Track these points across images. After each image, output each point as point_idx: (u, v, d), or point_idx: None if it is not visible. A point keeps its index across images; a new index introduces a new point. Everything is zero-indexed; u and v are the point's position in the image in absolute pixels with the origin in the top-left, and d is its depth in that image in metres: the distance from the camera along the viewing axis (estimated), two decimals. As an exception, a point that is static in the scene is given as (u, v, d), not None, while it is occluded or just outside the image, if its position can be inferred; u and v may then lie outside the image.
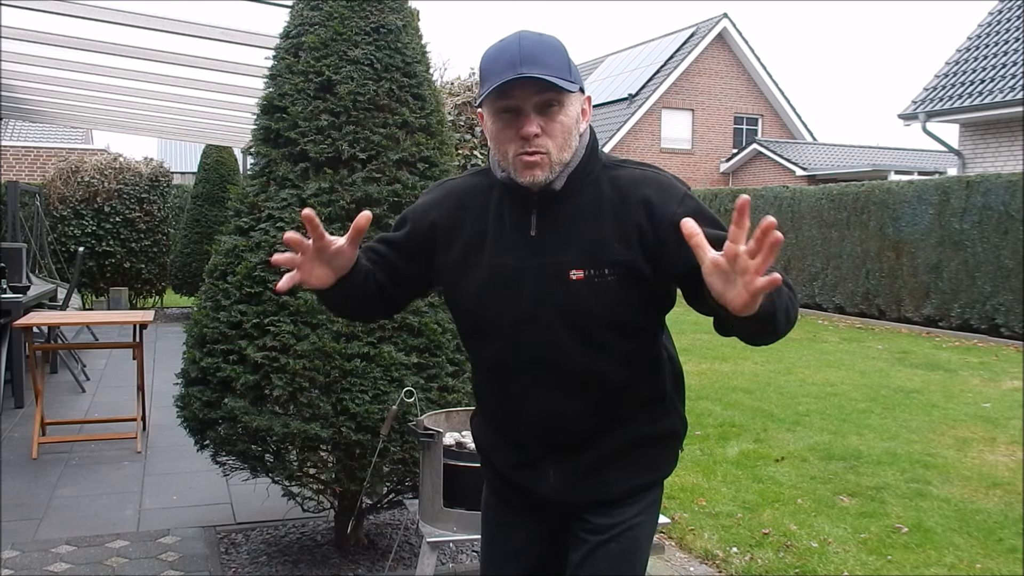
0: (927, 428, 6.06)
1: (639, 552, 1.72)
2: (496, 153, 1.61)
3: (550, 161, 1.55)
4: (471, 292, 1.67)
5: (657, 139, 25.77)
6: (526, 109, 1.53)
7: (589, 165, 1.62)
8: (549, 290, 1.59)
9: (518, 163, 1.56)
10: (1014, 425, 6.11)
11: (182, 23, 5.85)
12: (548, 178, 1.57)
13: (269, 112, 3.34)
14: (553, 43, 1.56)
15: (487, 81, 1.53)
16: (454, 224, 1.69)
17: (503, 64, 1.52)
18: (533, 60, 1.50)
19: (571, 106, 1.57)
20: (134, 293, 13.11)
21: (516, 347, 1.64)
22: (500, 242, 1.64)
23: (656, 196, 1.58)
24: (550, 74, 1.50)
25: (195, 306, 3.42)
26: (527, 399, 1.67)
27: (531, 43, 1.53)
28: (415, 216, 1.75)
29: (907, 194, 11.85)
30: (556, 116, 1.54)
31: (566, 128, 1.56)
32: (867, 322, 12.43)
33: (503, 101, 1.53)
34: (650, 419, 1.71)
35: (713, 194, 16.75)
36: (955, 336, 10.91)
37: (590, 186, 1.61)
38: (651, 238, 1.56)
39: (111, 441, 5.42)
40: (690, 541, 3.92)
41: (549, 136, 1.54)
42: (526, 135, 1.53)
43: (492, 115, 1.57)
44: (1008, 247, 10.32)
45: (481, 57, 1.58)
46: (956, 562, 3.68)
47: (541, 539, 1.81)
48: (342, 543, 3.65)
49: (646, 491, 1.74)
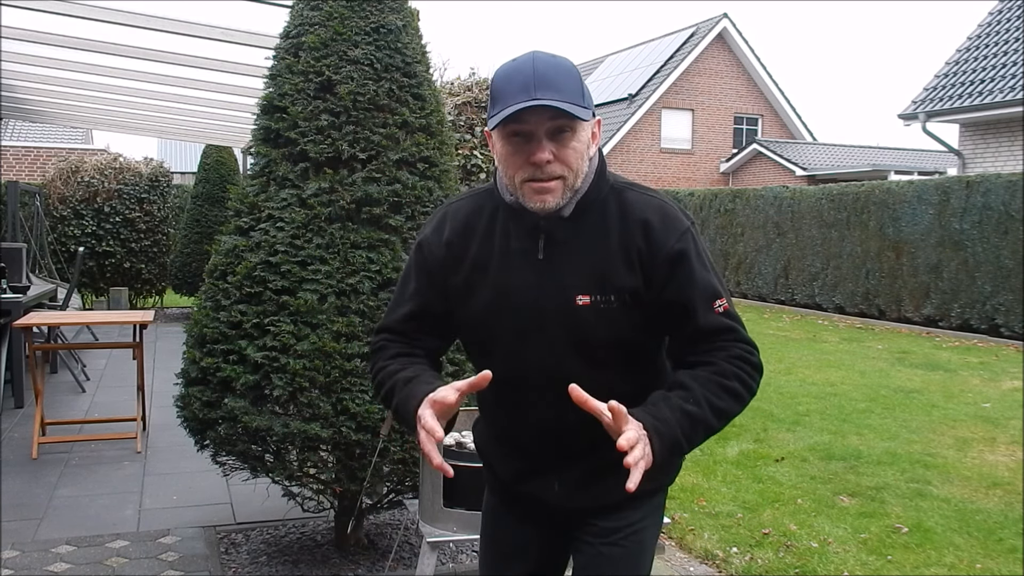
0: (927, 428, 6.06)
1: (644, 555, 1.73)
2: (504, 177, 1.59)
3: (563, 187, 1.54)
4: (476, 314, 1.66)
5: (657, 139, 25.77)
6: (538, 134, 1.50)
7: (597, 188, 1.61)
8: (554, 314, 1.59)
9: (527, 189, 1.54)
10: (1014, 425, 6.11)
11: (182, 23, 5.85)
12: (558, 204, 1.55)
13: (269, 112, 3.34)
14: (567, 67, 1.53)
15: (499, 103, 1.50)
16: (462, 243, 1.68)
17: (517, 87, 1.48)
18: (547, 84, 1.48)
19: (583, 132, 1.54)
20: (134, 293, 13.11)
21: (522, 365, 1.64)
22: (505, 265, 1.63)
23: (657, 222, 1.58)
24: (564, 100, 1.47)
25: (195, 306, 3.42)
26: (531, 411, 1.67)
27: (545, 66, 1.50)
28: (429, 242, 1.72)
29: (907, 194, 11.85)
30: (568, 142, 1.52)
31: (578, 154, 1.54)
32: (867, 322, 12.43)
33: (515, 125, 1.50)
34: None
35: (713, 194, 16.75)
36: (955, 336, 10.91)
37: (597, 210, 1.60)
38: (648, 262, 1.57)
39: (111, 441, 5.42)
40: (690, 541, 3.92)
41: (561, 162, 1.52)
42: (538, 162, 1.50)
43: (503, 138, 1.54)
44: (1008, 247, 10.32)
45: (493, 76, 1.56)
46: (956, 562, 3.68)
47: (541, 541, 1.81)
48: (342, 543, 3.65)
49: (650, 496, 1.74)
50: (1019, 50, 13.59)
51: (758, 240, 15.05)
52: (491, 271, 1.64)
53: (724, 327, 1.57)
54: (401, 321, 1.75)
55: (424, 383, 1.59)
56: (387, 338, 1.76)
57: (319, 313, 3.09)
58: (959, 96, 13.94)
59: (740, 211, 15.58)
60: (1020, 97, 12.66)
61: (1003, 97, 13.00)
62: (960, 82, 14.20)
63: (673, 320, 1.59)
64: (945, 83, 14.55)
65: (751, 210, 15.27)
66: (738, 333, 1.58)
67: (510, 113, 1.47)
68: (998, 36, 14.42)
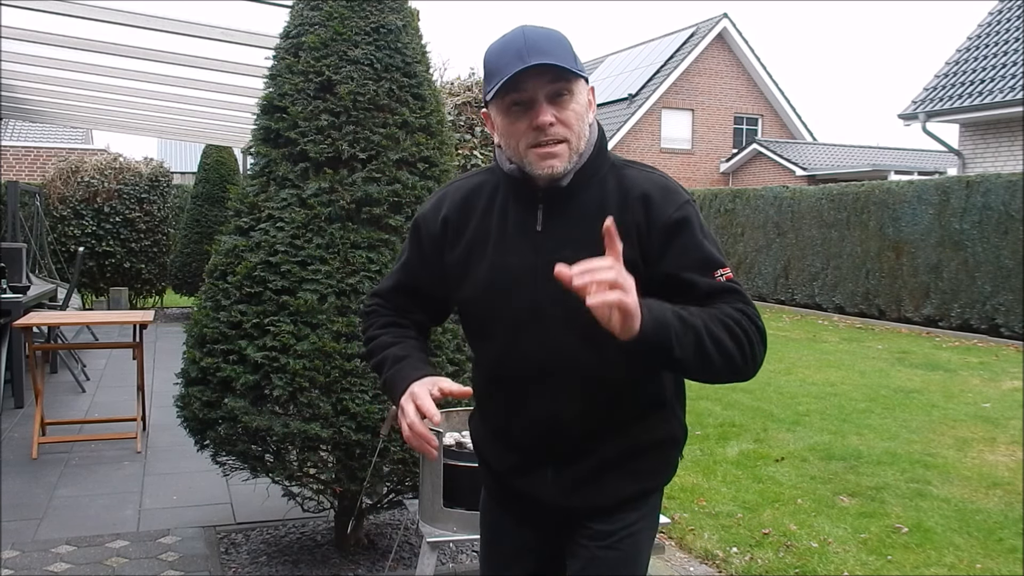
0: (927, 428, 6.06)
1: (639, 558, 1.71)
2: (507, 148, 1.59)
3: (568, 151, 1.54)
4: (474, 291, 1.66)
5: (657, 139, 25.77)
6: (538, 99, 1.50)
7: (597, 162, 1.61)
8: (551, 288, 1.54)
9: (533, 156, 1.53)
10: (1014, 425, 6.11)
11: (182, 23, 5.85)
12: (566, 167, 1.55)
13: (269, 112, 3.34)
14: (557, 35, 1.55)
15: (494, 76, 1.51)
16: (461, 221, 1.68)
17: (510, 56, 1.49)
18: (540, 50, 1.49)
19: (580, 94, 1.55)
20: (134, 293, 13.11)
21: (517, 346, 1.62)
22: (503, 241, 1.63)
23: (657, 194, 1.58)
24: (559, 61, 1.49)
25: (195, 306, 3.42)
26: (526, 401, 1.66)
27: (535, 35, 1.52)
28: (426, 219, 1.74)
29: (907, 194, 11.85)
30: (568, 104, 1.53)
31: (578, 116, 1.54)
32: (867, 322, 12.43)
33: (514, 94, 1.51)
34: (649, 425, 1.70)
35: (713, 194, 16.75)
36: (955, 336, 10.91)
37: (596, 184, 1.60)
38: (646, 235, 1.56)
39: (111, 441, 5.42)
40: (690, 541, 3.92)
41: (564, 124, 1.52)
42: (541, 124, 1.50)
43: (502, 111, 1.55)
44: (1008, 247, 10.32)
45: (485, 54, 1.56)
46: (956, 562, 3.68)
47: (539, 542, 1.80)
48: (342, 543, 3.65)
49: (646, 497, 1.73)
50: (1019, 50, 13.60)
51: (758, 240, 15.05)
52: (489, 248, 1.64)
53: (727, 289, 1.53)
54: (391, 291, 1.82)
55: (412, 366, 1.65)
56: (380, 303, 1.82)
57: (319, 313, 3.09)
58: (959, 96, 13.94)
59: (740, 211, 15.58)
60: (1020, 97, 12.66)
61: (1003, 97, 13.00)
62: (960, 82, 14.20)
63: (675, 293, 1.53)
64: (945, 83, 14.55)
65: (751, 210, 15.27)
66: (743, 296, 1.54)
67: (507, 78, 1.48)
68: (998, 36, 14.42)
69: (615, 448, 1.67)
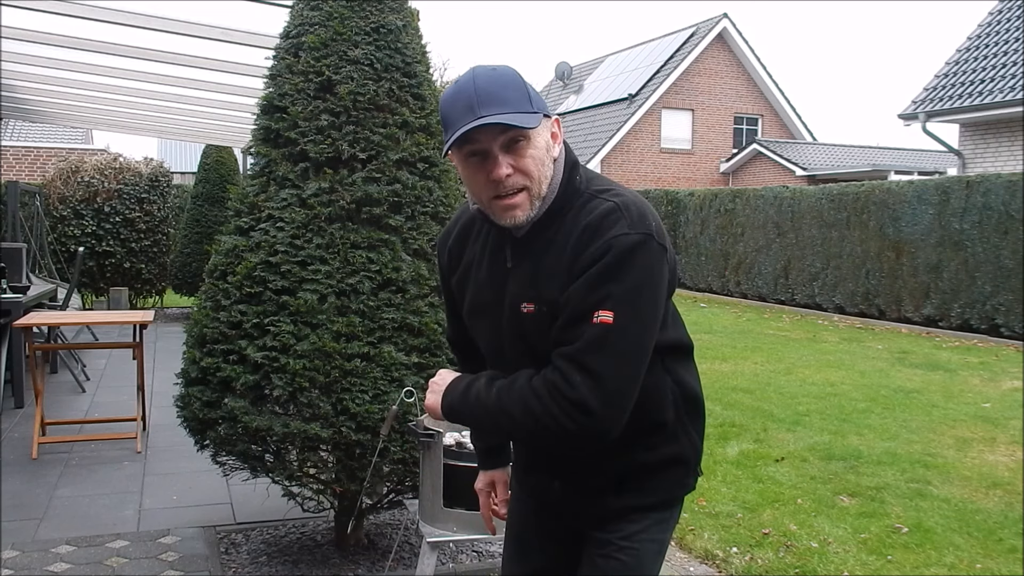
0: (927, 428, 6.06)
1: (643, 569, 1.71)
2: (471, 196, 1.63)
3: (528, 198, 1.54)
4: (466, 313, 1.77)
5: (657, 139, 25.76)
6: (493, 151, 1.50)
7: (565, 196, 1.58)
8: (509, 323, 1.63)
9: (495, 207, 1.55)
10: (1014, 425, 6.11)
11: (182, 23, 5.86)
12: (529, 216, 1.55)
13: (269, 112, 3.34)
14: (509, 76, 1.53)
15: (449, 128, 1.52)
16: (460, 249, 1.76)
17: (461, 108, 1.49)
18: (490, 100, 1.48)
19: (539, 136, 1.54)
20: (134, 293, 13.10)
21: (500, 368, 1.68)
22: (481, 273, 1.69)
23: (596, 223, 1.52)
24: (509, 111, 1.47)
25: (195, 306, 3.42)
26: None
27: (486, 81, 1.50)
28: (439, 250, 1.86)
29: (907, 194, 11.85)
30: (525, 152, 1.52)
31: (537, 161, 1.53)
32: (867, 322, 12.43)
33: (468, 146, 1.51)
34: (651, 445, 1.69)
35: (713, 194, 16.74)
36: (955, 336, 10.91)
37: (563, 218, 1.57)
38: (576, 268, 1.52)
39: (111, 441, 5.42)
40: (690, 541, 3.92)
41: (521, 172, 1.52)
42: (497, 178, 1.51)
43: (460, 161, 1.56)
44: (1008, 247, 10.31)
45: (440, 100, 1.57)
46: (956, 562, 3.68)
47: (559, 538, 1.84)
48: (342, 543, 3.65)
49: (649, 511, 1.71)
50: (1019, 50, 13.60)
51: (758, 240, 15.05)
52: (473, 274, 1.71)
53: (576, 337, 1.47)
54: (451, 329, 1.94)
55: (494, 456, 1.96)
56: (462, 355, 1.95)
57: (319, 313, 3.09)
58: (959, 96, 13.94)
59: (740, 211, 15.57)
60: (1020, 97, 12.66)
61: (1003, 97, 13.00)
62: (960, 82, 14.20)
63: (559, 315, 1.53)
64: (945, 83, 14.55)
65: (751, 210, 15.26)
66: (582, 356, 1.46)
67: (458, 135, 1.48)
68: (998, 36, 14.42)
69: (613, 469, 1.69)
